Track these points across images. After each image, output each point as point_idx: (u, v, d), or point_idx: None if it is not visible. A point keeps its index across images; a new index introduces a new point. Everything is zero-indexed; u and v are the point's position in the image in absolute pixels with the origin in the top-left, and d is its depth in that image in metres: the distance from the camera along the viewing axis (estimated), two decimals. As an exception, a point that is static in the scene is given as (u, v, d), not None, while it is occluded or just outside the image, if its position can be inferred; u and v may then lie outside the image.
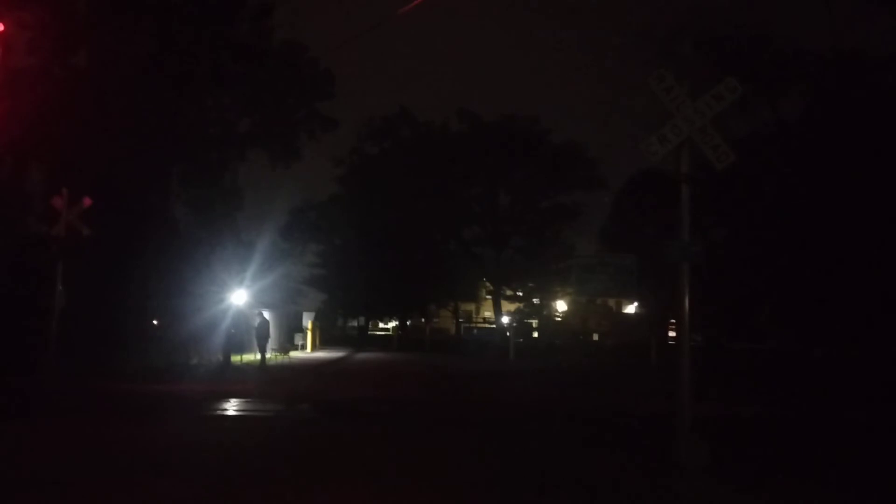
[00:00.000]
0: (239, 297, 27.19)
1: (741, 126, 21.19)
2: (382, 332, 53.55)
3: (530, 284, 46.08)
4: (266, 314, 26.00)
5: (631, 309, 44.28)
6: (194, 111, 30.48)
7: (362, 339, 45.31)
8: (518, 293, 48.53)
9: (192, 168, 31.15)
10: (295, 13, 49.55)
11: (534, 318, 46.60)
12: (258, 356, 24.13)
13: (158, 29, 28.09)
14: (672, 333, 36.95)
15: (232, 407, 13.66)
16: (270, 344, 26.21)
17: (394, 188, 43.43)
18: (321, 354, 32.71)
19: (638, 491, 7.41)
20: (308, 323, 36.66)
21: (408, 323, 52.76)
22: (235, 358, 24.92)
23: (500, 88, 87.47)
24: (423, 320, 54.40)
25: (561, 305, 53.05)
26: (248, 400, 14.64)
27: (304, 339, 35.07)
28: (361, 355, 33.06)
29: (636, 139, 8.39)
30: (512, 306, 47.71)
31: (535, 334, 45.86)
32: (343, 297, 46.86)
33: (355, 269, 43.92)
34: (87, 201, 17.74)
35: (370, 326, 53.24)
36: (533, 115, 44.18)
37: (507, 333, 34.59)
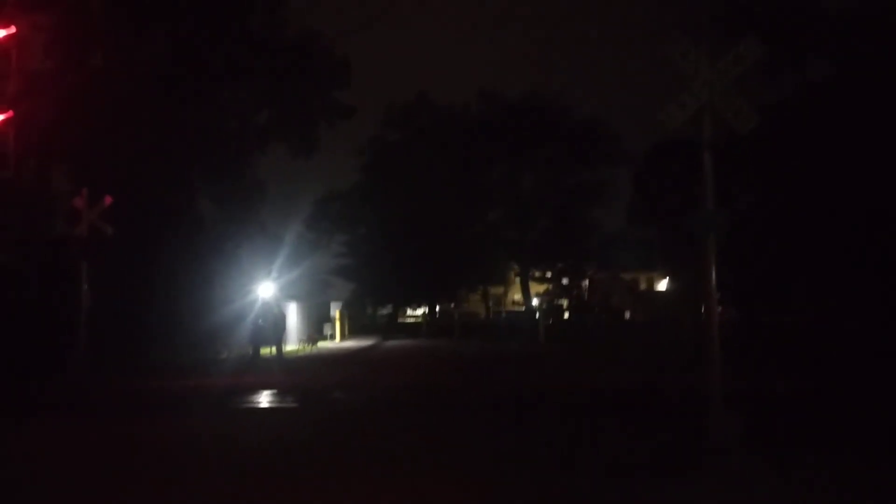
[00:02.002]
0: (266, 289, 27.19)
1: (770, 95, 20.59)
2: (413, 320, 53.49)
3: (559, 265, 45.62)
4: (283, 306, 25.96)
5: (663, 285, 43.75)
6: (212, 106, 30.46)
7: (391, 327, 45.26)
8: (546, 274, 48.16)
9: (213, 163, 31.16)
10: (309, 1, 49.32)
11: (563, 299, 46.24)
12: (275, 349, 24.09)
13: (173, 26, 28.05)
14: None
15: (257, 401, 13.59)
16: (297, 335, 26.23)
17: (416, 174, 43.18)
18: (349, 344, 32.68)
19: (668, 469, 7.17)
20: (336, 313, 36.64)
21: (437, 309, 52.63)
22: (265, 350, 24.95)
23: (518, 67, 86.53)
24: (452, 306, 54.24)
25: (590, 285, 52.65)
26: (274, 393, 14.55)
27: (333, 328, 35.08)
28: (389, 343, 32.99)
29: (657, 110, 8.03)
30: (541, 288, 47.36)
31: (566, 315, 45.55)
32: (370, 285, 46.83)
33: (381, 258, 43.85)
34: (107, 200, 17.80)
35: (399, 314, 53.22)
36: (553, 93, 43.64)
37: (537, 315, 34.24)
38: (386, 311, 52.32)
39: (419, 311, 52.81)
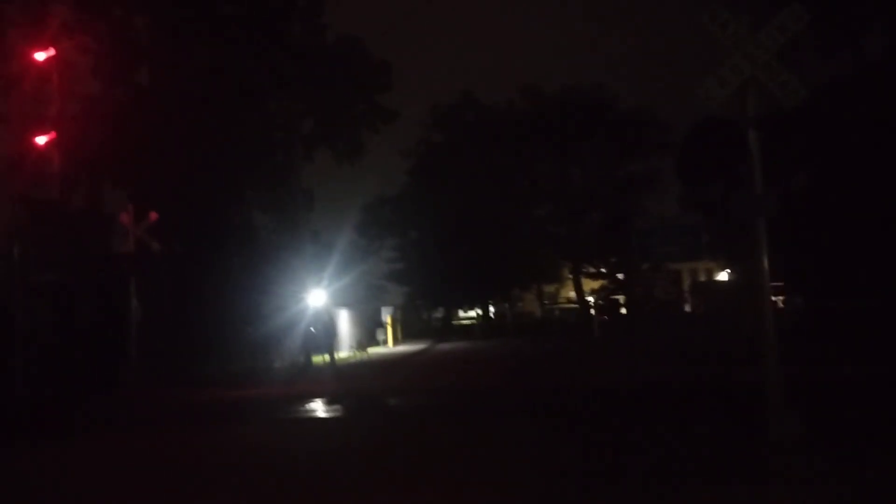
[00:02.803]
0: (317, 297, 27.28)
1: (826, 73, 19.61)
2: (467, 321, 53.19)
3: (613, 259, 44.67)
4: (334, 313, 25.95)
5: (724, 275, 42.49)
6: (258, 117, 30.70)
7: (445, 330, 45.04)
8: (601, 269, 47.21)
9: (262, 173, 31.44)
10: (346, 6, 49.48)
11: (619, 294, 45.28)
12: (327, 357, 24.07)
13: (216, 40, 28.29)
14: (772, 298, 35.00)
15: (306, 409, 13.49)
16: (349, 341, 26.18)
17: (463, 174, 42.87)
18: (402, 349, 32.58)
19: (724, 468, 6.71)
20: (387, 318, 36.60)
21: (491, 309, 52.22)
22: (317, 358, 25.00)
23: (559, 59, 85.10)
24: (506, 305, 53.72)
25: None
26: (323, 401, 14.43)
27: (385, 334, 35.04)
28: (441, 347, 32.76)
29: (696, 87, 7.57)
30: (596, 284, 46.46)
31: (624, 310, 44.61)
32: (423, 289, 46.69)
33: (432, 260, 43.64)
34: (153, 216, 18.02)
35: (453, 316, 52.96)
36: (595, 84, 42.71)
37: (591, 312, 33.58)
38: (439, 314, 52.16)
39: (473, 313, 52.45)
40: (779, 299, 35.82)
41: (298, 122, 32.03)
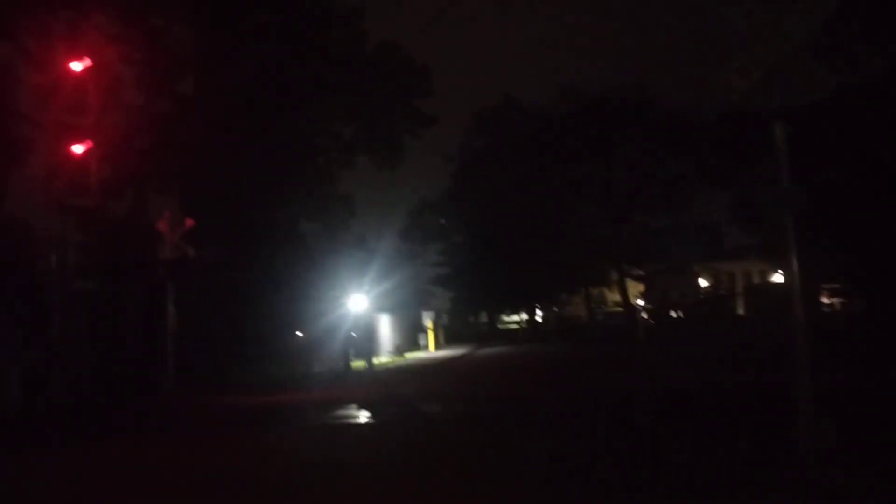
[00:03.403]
0: (357, 302, 27.30)
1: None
2: (515, 326, 52.82)
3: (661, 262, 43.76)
4: (374, 318, 25.91)
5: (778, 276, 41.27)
6: (300, 124, 30.93)
7: (488, 335, 44.76)
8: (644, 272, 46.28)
9: (304, 179, 31.66)
10: (386, 13, 49.69)
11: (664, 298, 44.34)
12: (366, 362, 24.03)
13: (257, 48, 28.57)
14: (826, 300, 33.85)
15: (339, 415, 13.40)
16: (390, 346, 26.09)
17: (506, 177, 42.56)
18: (442, 353, 32.38)
19: (749, 480, 6.33)
20: (428, 323, 36.46)
21: (538, 313, 51.74)
22: (358, 363, 24.99)
23: (598, 59, 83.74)
24: (555, 309, 53.20)
25: (702, 282, 50.33)
26: (357, 407, 14.32)
27: (426, 339, 34.91)
28: (483, 351, 32.45)
29: (716, 80, 7.21)
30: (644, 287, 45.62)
31: (674, 314, 43.69)
32: (467, 293, 46.52)
33: (476, 265, 43.44)
34: (189, 223, 18.22)
35: (498, 320, 52.62)
36: (638, 83, 41.90)
37: (638, 315, 32.89)
38: (485, 318, 51.90)
39: (519, 317, 52.06)
40: (835, 301, 34.56)
41: (340, 129, 32.18)
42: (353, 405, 14.43)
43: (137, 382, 16.53)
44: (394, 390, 17.45)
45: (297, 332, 23.65)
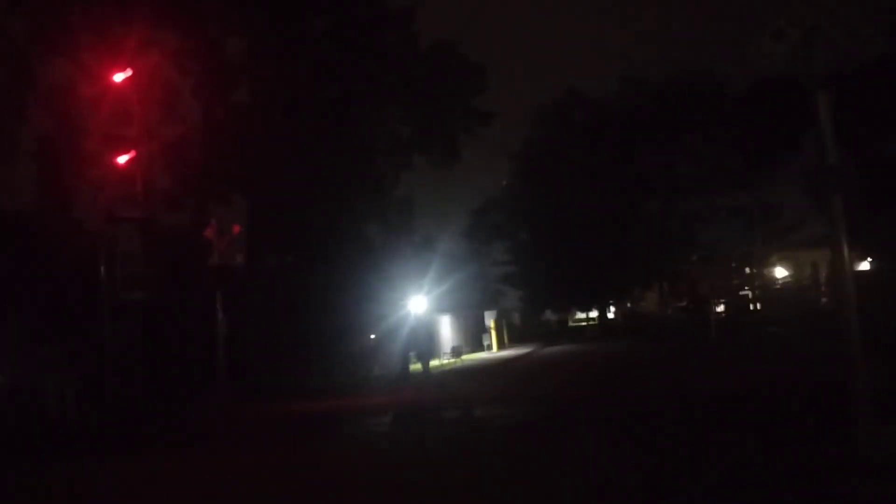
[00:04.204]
0: (417, 303, 26.97)
1: None
2: (585, 323, 51.70)
3: (737, 253, 41.89)
4: (435, 319, 25.49)
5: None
6: (357, 127, 30.86)
7: (556, 333, 43.84)
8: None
9: (363, 182, 31.61)
10: (441, 10, 49.30)
11: (747, 290, 42.43)
12: (424, 364, 23.60)
13: (313, 52, 28.54)
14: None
15: (386, 422, 13.07)
16: (451, 347, 25.64)
17: (570, 172, 41.57)
18: (506, 353, 31.72)
19: (799, 491, 5.61)
20: (491, 322, 35.83)
21: (611, 310, 50.47)
22: (417, 366, 24.64)
23: (652, 43, 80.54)
24: (629, 305, 51.83)
25: (780, 272, 48.02)
26: (405, 413, 13.96)
27: (490, 338, 34.32)
28: (547, 350, 31.66)
29: (749, 45, 6.46)
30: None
31: (752, 306, 41.81)
32: (535, 291, 45.64)
33: (544, 262, 42.56)
34: (235, 229, 18.21)
35: (569, 318, 51.56)
36: (705, 69, 40.02)
37: (709, 309, 31.38)
38: (556, 316, 50.98)
39: (590, 314, 50.88)
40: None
41: (396, 130, 31.95)
42: (402, 411, 14.05)
43: (189, 392, 16.56)
44: (447, 394, 17.01)
45: (371, 335, 23.46)
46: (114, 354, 14.99)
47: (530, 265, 44.55)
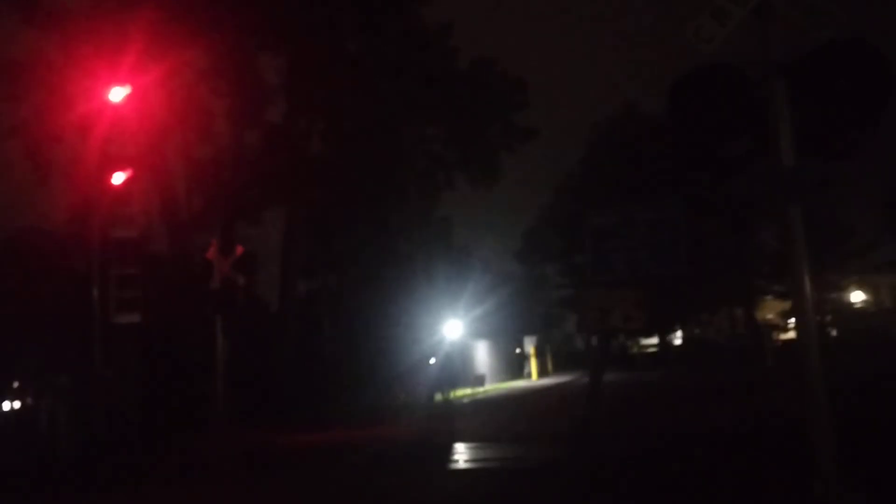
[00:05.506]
0: (453, 328, 26.02)
1: None
2: (649, 349, 49.53)
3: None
4: (468, 346, 24.39)
5: None
6: (396, 146, 30.30)
7: (616, 360, 41.94)
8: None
9: (401, 203, 31.02)
10: (476, 27, 48.57)
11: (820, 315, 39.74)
12: (446, 393, 22.54)
13: (348, 73, 28.09)
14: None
15: (373, 459, 12.15)
16: (490, 374, 24.41)
17: (628, 190, 39.92)
18: (544, 382, 30.22)
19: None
20: (530, 349, 34.30)
21: (676, 335, 48.36)
22: (448, 393, 23.59)
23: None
24: (696, 331, 49.68)
25: (857, 296, 45.07)
26: (406, 445, 12.98)
27: (529, 366, 32.84)
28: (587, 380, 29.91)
29: (684, 28, 5.30)
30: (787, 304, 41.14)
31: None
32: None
33: (598, 285, 40.86)
34: (239, 250, 17.58)
35: (634, 344, 49.55)
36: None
37: (766, 336, 29.28)
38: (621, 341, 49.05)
39: (651, 340, 48.73)
40: None
41: (436, 148, 31.23)
42: (386, 448, 13.05)
43: (181, 419, 15.96)
44: (456, 427, 15.91)
45: (375, 363, 22.58)
46: (106, 381, 14.49)
47: (585, 288, 42.86)
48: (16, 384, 14.97)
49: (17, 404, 14.25)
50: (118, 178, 14.78)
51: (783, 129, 5.11)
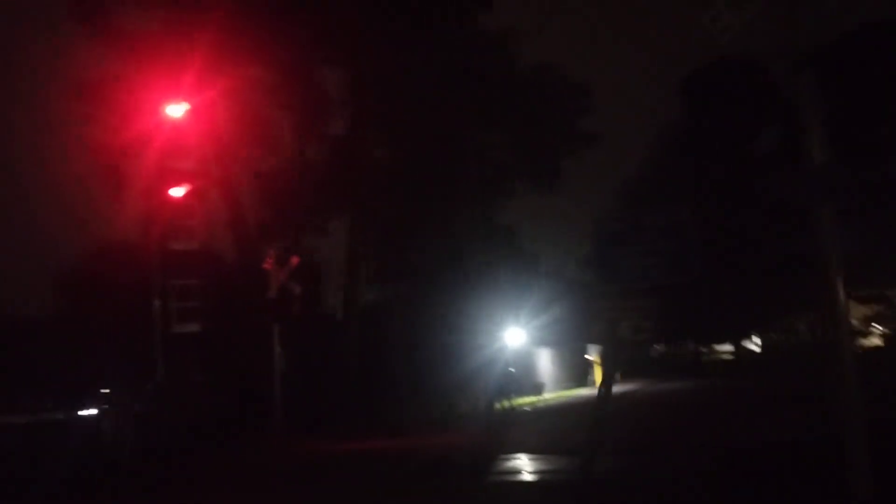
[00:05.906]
0: (516, 336, 25.70)
1: None
2: (725, 356, 48.02)
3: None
4: (533, 353, 24.05)
5: None
6: (460, 154, 30.24)
7: (687, 367, 40.79)
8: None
9: (466, 210, 30.92)
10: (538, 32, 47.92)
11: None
12: (506, 402, 22.20)
13: (413, 83, 28.16)
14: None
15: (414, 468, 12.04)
16: (554, 383, 24.00)
17: (698, 192, 38.84)
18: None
19: None
20: (595, 357, 33.51)
21: (754, 341, 46.67)
22: (515, 401, 23.27)
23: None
24: (773, 336, 47.88)
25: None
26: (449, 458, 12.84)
27: (593, 374, 32.11)
28: (655, 388, 29.07)
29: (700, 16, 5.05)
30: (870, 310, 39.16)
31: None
32: (660, 323, 42.70)
33: (671, 292, 39.81)
34: (294, 260, 17.87)
35: (708, 351, 48.11)
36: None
37: (846, 343, 27.72)
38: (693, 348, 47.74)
39: (726, 347, 47.20)
40: None
41: (499, 155, 31.01)
42: (430, 458, 12.89)
43: (241, 427, 16.20)
44: (514, 436, 15.64)
45: (437, 371, 22.49)
46: (169, 389, 14.87)
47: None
48: (87, 393, 15.48)
49: (88, 412, 14.71)
50: (178, 191, 15.14)
51: (812, 125, 4.79)
